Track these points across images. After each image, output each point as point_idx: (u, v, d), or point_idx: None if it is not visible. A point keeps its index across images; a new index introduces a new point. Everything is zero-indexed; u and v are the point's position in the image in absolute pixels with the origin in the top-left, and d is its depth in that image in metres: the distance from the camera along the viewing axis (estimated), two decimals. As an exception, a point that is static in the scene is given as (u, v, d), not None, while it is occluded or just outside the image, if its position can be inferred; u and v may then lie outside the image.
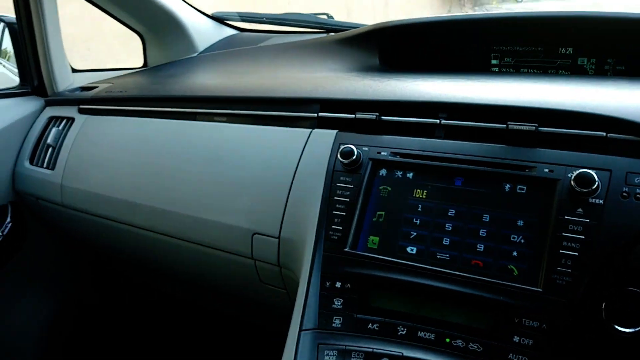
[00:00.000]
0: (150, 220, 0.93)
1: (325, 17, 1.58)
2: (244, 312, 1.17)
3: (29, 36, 1.16)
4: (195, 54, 1.48)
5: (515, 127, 0.67)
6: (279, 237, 0.79)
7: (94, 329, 1.44)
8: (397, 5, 8.28)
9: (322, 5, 1.54)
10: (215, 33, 1.57)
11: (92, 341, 1.43)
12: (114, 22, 1.43)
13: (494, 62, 1.07)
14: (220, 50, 1.47)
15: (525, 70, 1.03)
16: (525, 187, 0.65)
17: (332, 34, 1.32)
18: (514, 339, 0.59)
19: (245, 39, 1.57)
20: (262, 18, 1.61)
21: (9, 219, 1.10)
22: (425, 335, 0.62)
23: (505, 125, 0.68)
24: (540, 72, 1.01)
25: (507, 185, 0.66)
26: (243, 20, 1.66)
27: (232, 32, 1.63)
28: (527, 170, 0.65)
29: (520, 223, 0.64)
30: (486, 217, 0.66)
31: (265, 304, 0.97)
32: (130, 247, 1.05)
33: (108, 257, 1.30)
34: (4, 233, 1.08)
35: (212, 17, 1.60)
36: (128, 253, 1.11)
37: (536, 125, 0.66)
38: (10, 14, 1.24)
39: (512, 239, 0.63)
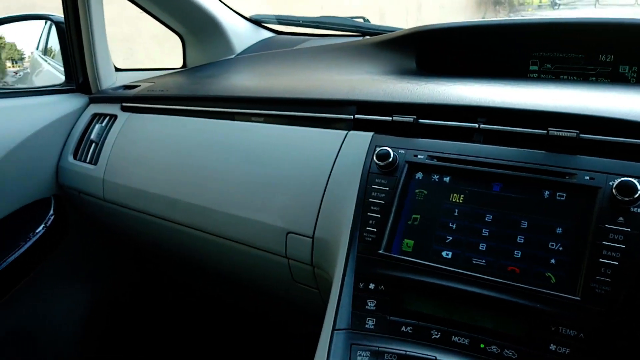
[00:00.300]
0: (187, 216, 0.95)
1: (361, 20, 1.58)
2: (275, 310, 1.18)
3: (76, 35, 1.20)
4: (233, 56, 1.50)
5: (556, 133, 0.67)
6: (313, 237, 0.80)
7: (129, 323, 1.48)
8: (431, 10, 8.22)
9: (355, 9, 1.55)
10: (253, 35, 1.59)
11: (126, 335, 1.47)
12: (150, 24, 1.47)
13: (532, 67, 1.06)
14: (257, 53, 1.49)
15: (565, 77, 1.02)
16: (565, 194, 0.64)
17: (369, 37, 1.32)
18: (550, 347, 0.58)
19: (282, 41, 1.59)
20: (299, 21, 1.63)
21: (51, 212, 1.15)
22: (459, 340, 0.62)
23: (545, 131, 0.67)
24: (580, 79, 0.99)
25: (547, 192, 0.65)
26: (280, 23, 1.68)
27: (269, 34, 1.65)
28: (567, 177, 0.64)
29: (559, 230, 0.63)
30: (524, 224, 0.65)
31: (297, 303, 0.98)
32: (168, 242, 1.08)
33: (145, 251, 1.33)
34: (47, 225, 1.12)
35: (250, 20, 1.62)
36: (165, 248, 1.14)
37: (577, 131, 0.65)
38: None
39: (550, 246, 0.63)
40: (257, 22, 1.64)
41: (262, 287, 1.02)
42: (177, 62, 1.59)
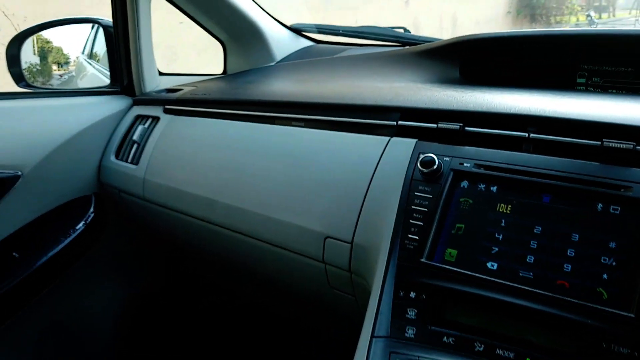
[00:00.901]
0: (226, 218, 0.95)
1: (402, 30, 1.58)
2: (307, 316, 1.17)
3: (123, 39, 1.23)
4: (273, 63, 1.51)
5: (611, 144, 0.64)
6: (351, 243, 0.79)
7: (161, 321, 1.49)
8: (466, 25, 8.17)
9: (389, 24, 1.54)
10: (293, 44, 1.61)
11: (158, 333, 1.48)
12: (189, 34, 1.50)
13: (580, 80, 1.03)
14: (297, 60, 1.50)
15: (613, 91, 0.99)
16: (619, 208, 0.62)
17: (409, 47, 1.32)
18: (602, 366, 0.55)
19: (321, 50, 1.60)
20: (339, 30, 1.64)
21: (92, 209, 1.17)
22: (504, 353, 0.60)
23: (599, 142, 0.65)
24: (630, 93, 0.96)
25: (600, 205, 0.63)
26: (320, 32, 1.69)
27: (308, 43, 1.66)
28: (622, 190, 0.62)
29: (612, 245, 0.60)
30: (575, 237, 0.63)
31: (331, 310, 0.97)
32: (205, 243, 1.08)
33: (181, 252, 1.34)
34: (87, 222, 1.14)
35: (290, 28, 1.64)
36: (201, 249, 1.15)
37: (634, 143, 0.63)
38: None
39: (602, 261, 0.60)
40: (297, 30, 1.65)
41: (296, 292, 1.01)
42: (215, 71, 1.61)
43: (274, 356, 1.41)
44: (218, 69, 1.60)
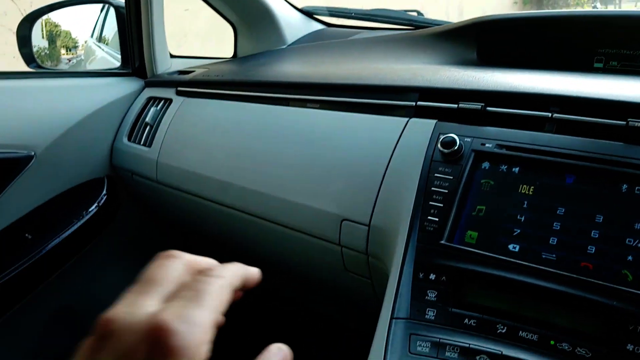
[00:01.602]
0: (241, 200, 0.95)
1: (415, 14, 1.56)
2: (323, 300, 1.17)
3: (135, 19, 1.22)
4: (284, 46, 1.50)
5: (636, 124, 0.63)
6: (369, 225, 0.78)
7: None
8: (472, 13, 8.09)
9: (397, 8, 1.52)
10: (304, 27, 1.59)
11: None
12: (194, 22, 1.48)
13: (597, 65, 1.01)
14: (308, 43, 1.48)
15: (632, 75, 0.97)
16: (645, 189, 0.61)
17: (422, 30, 1.30)
18: (628, 347, 0.54)
19: (333, 33, 1.58)
20: (351, 13, 1.62)
21: (104, 192, 1.16)
22: (527, 335, 0.59)
23: (624, 122, 0.64)
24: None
25: (624, 186, 0.62)
26: (331, 15, 1.67)
27: (320, 26, 1.64)
28: (648, 170, 0.61)
29: (637, 226, 0.59)
30: (599, 218, 0.62)
31: (346, 293, 0.96)
32: (219, 226, 1.08)
33: (194, 234, 1.34)
34: (100, 204, 1.14)
35: (302, 11, 1.62)
36: (216, 232, 1.14)
37: (661, 123, 0.62)
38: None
39: (627, 243, 0.59)
40: (308, 13, 1.63)
41: (310, 275, 1.01)
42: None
43: (287, 340, 1.41)
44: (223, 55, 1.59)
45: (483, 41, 1.03)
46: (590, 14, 1.01)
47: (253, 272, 0.37)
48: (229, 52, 1.61)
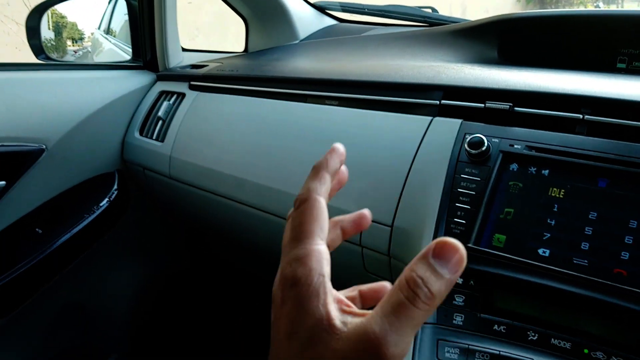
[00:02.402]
0: (257, 198, 0.93)
1: (429, 10, 1.54)
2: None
3: (148, 12, 1.19)
4: (296, 42, 1.48)
5: (673, 127, 0.61)
6: (391, 226, 0.76)
7: (181, 302, 1.48)
8: (475, 12, 8.08)
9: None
10: (316, 22, 1.57)
11: (177, 314, 1.47)
12: (198, 15, 1.46)
13: (620, 65, 0.99)
14: (321, 39, 1.46)
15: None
16: (681, 194, 0.59)
17: (437, 27, 1.28)
18: (666, 358, 0.53)
19: (345, 29, 1.56)
20: (364, 9, 1.60)
21: (115, 186, 1.15)
22: (559, 343, 0.57)
23: (660, 125, 0.62)
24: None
25: (660, 191, 0.60)
26: (344, 11, 1.65)
27: (332, 22, 1.62)
28: (684, 175, 0.59)
29: (673, 233, 0.58)
30: (633, 224, 0.60)
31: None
32: (234, 223, 1.06)
33: (208, 232, 1.32)
34: (111, 199, 1.12)
35: (314, 6, 1.60)
36: (230, 230, 1.12)
37: (698, 127, 0.60)
38: None
39: (663, 250, 0.57)
40: (320, 8, 1.61)
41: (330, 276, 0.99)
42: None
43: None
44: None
45: (504, 39, 1.02)
46: (613, 14, 1.00)
47: (331, 161, 0.37)
48: (231, 47, 1.59)
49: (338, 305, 0.30)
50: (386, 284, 0.41)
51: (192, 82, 1.15)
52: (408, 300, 0.28)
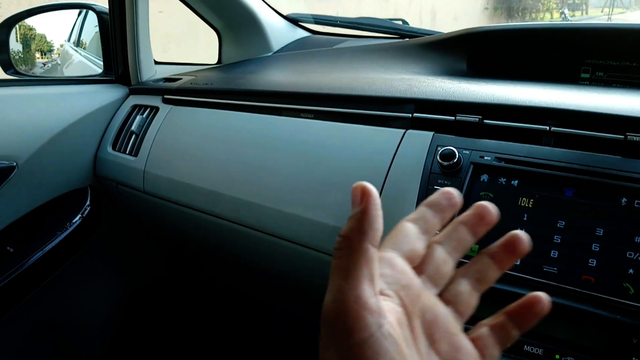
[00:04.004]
0: (233, 211, 0.93)
1: (400, 22, 1.57)
2: (318, 314, 1.16)
3: (119, 25, 1.19)
4: (269, 54, 1.48)
5: (635, 138, 0.64)
6: (368, 237, 0.77)
7: (159, 317, 1.46)
8: (445, 20, 8.25)
9: (370, 14, 1.54)
10: (289, 34, 1.58)
11: (155, 329, 1.45)
12: (167, 24, 1.46)
13: (584, 75, 1.03)
14: (295, 51, 1.47)
15: (618, 85, 0.99)
16: (644, 202, 0.61)
17: (408, 39, 1.30)
18: (633, 361, 0.55)
19: (318, 41, 1.58)
20: (336, 21, 1.61)
21: (88, 202, 1.13)
22: (532, 349, 0.59)
23: (623, 136, 0.65)
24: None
25: (624, 199, 0.62)
26: (317, 23, 1.66)
27: (305, 33, 1.63)
28: (647, 184, 0.62)
29: (637, 239, 0.60)
30: (599, 231, 0.62)
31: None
32: (210, 237, 1.06)
33: (185, 246, 1.31)
34: (84, 215, 1.10)
35: (287, 18, 1.61)
36: (207, 244, 1.12)
37: (659, 137, 0.63)
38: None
39: (628, 256, 0.60)
40: (293, 20, 1.62)
41: (306, 288, 0.99)
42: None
43: (282, 355, 1.39)
44: (198, 59, 1.56)
45: (473, 52, 1.04)
46: (576, 27, 1.03)
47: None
48: (205, 56, 1.58)
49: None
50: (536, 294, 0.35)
51: (166, 96, 1.15)
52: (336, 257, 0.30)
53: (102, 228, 1.20)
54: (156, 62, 1.37)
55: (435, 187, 0.72)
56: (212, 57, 1.57)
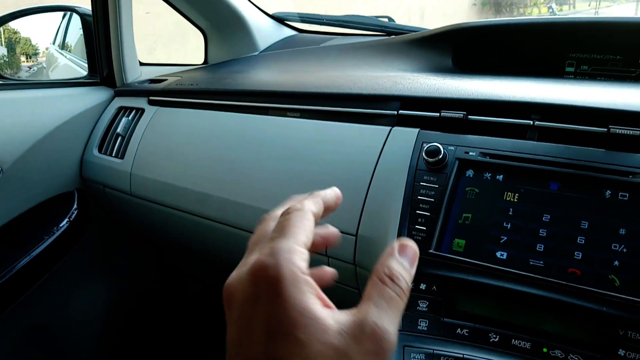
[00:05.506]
0: (221, 212, 0.93)
1: (386, 20, 1.57)
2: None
3: (103, 27, 1.18)
4: (256, 53, 1.48)
5: (617, 131, 0.64)
6: (356, 235, 0.77)
7: (149, 320, 1.45)
8: (434, 17, 8.27)
9: (359, 12, 1.54)
10: (275, 33, 1.57)
11: (145, 331, 1.44)
12: (156, 26, 1.45)
13: (569, 69, 1.04)
14: (281, 50, 1.47)
15: (603, 79, 1.00)
16: (627, 194, 0.62)
17: (394, 36, 1.30)
18: (619, 353, 0.55)
19: (305, 39, 1.57)
20: (322, 19, 1.61)
21: (75, 206, 1.12)
22: (519, 343, 0.59)
23: (606, 129, 0.65)
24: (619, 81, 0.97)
25: (608, 192, 0.63)
26: (303, 21, 1.66)
27: (291, 32, 1.63)
28: (630, 176, 0.62)
29: (622, 231, 0.60)
30: (584, 224, 0.63)
31: (334, 305, 0.95)
32: (198, 238, 1.05)
33: (170, 248, 1.31)
34: (71, 219, 1.10)
35: (273, 17, 1.60)
36: (194, 245, 1.11)
37: (641, 129, 0.63)
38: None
39: (613, 248, 0.60)
40: (279, 19, 1.62)
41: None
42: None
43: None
44: (186, 60, 1.56)
45: (458, 48, 1.05)
46: (561, 21, 1.04)
47: (329, 193, 0.40)
48: (192, 57, 1.57)
49: (321, 302, 0.30)
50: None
51: (151, 97, 1.14)
52: (396, 294, 0.31)
53: (89, 231, 1.19)
54: (141, 64, 1.36)
55: (421, 183, 0.72)
56: (201, 58, 1.56)
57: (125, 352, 1.39)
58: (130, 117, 1.14)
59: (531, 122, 0.71)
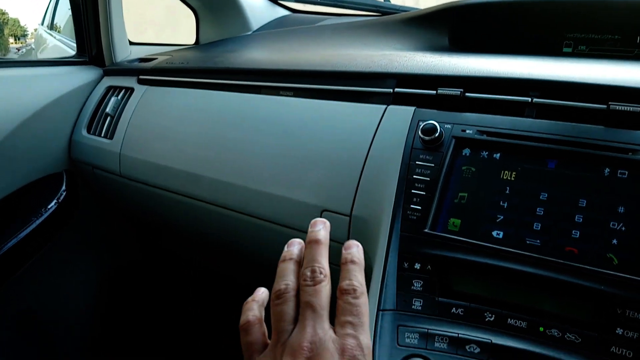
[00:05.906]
0: (213, 193, 0.91)
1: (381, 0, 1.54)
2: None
3: (92, 4, 1.14)
4: (248, 33, 1.45)
5: (617, 107, 0.63)
6: (350, 215, 0.76)
7: (138, 301, 1.44)
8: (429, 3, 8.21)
9: None
10: (269, 13, 1.55)
11: (135, 313, 1.43)
12: (147, 10, 1.42)
13: (566, 50, 1.02)
14: (274, 30, 1.44)
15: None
16: (626, 172, 0.61)
17: (389, 16, 1.28)
18: (617, 331, 0.54)
19: (298, 19, 1.55)
20: (317, -1, 1.59)
21: (64, 187, 1.10)
22: (515, 322, 0.58)
23: (605, 106, 0.64)
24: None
25: (607, 169, 0.62)
26: (296, 1, 1.63)
27: (285, 12, 1.61)
28: (629, 153, 0.61)
29: (620, 209, 0.59)
30: (582, 202, 0.61)
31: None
32: (190, 220, 1.04)
33: (161, 229, 1.29)
34: (59, 201, 1.07)
35: (266, -4, 1.58)
36: (186, 226, 1.09)
37: (641, 106, 0.62)
38: None
39: (611, 226, 0.59)
40: (273, -1, 1.59)
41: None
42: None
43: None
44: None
45: (455, 26, 1.03)
46: (559, 0, 1.02)
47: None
48: (184, 42, 1.55)
49: None
50: None
51: (141, 76, 1.11)
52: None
53: (78, 213, 1.17)
54: (131, 43, 1.33)
55: (417, 162, 0.70)
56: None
57: (113, 335, 1.38)
58: (119, 97, 1.11)
59: (529, 99, 0.69)
